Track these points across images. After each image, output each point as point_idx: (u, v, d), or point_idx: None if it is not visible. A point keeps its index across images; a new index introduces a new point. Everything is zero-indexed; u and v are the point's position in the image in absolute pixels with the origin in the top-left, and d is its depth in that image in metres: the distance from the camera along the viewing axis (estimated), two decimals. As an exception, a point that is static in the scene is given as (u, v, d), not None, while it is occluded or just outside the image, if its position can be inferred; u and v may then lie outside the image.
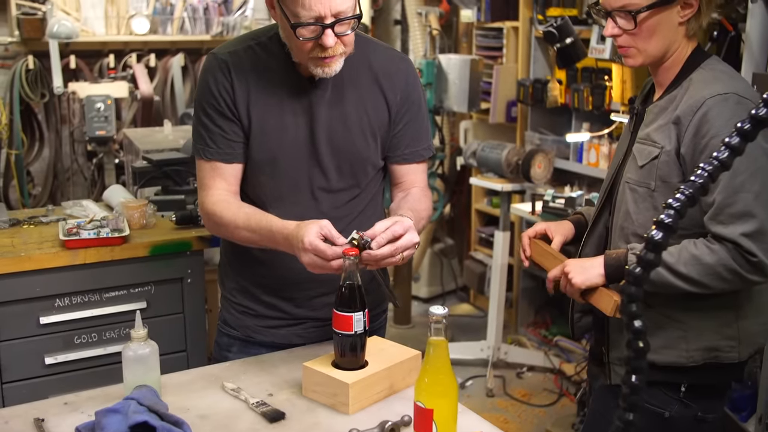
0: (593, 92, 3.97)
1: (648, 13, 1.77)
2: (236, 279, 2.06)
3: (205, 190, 1.94)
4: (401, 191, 2.04)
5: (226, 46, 1.95)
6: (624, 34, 1.82)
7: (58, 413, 1.65)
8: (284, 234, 1.76)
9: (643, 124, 1.89)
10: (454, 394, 1.46)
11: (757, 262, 1.70)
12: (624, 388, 1.00)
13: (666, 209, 0.99)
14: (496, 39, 4.77)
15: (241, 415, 1.65)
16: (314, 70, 1.81)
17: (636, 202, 1.84)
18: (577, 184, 4.28)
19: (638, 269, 0.98)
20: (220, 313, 2.14)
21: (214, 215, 1.91)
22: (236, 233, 1.89)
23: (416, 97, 2.02)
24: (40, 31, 4.73)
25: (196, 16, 5.32)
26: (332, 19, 1.72)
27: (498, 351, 4.20)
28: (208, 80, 1.90)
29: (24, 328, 2.44)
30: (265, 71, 1.90)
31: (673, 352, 1.83)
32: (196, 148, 1.95)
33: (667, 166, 1.78)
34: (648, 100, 1.96)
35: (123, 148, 4.46)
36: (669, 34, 1.81)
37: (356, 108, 1.93)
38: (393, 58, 2.02)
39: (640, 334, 0.97)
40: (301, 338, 2.03)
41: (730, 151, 1.03)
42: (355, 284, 1.66)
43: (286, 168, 1.91)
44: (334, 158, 1.92)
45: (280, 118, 1.89)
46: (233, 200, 1.93)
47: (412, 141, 2.02)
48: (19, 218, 2.79)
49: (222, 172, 1.92)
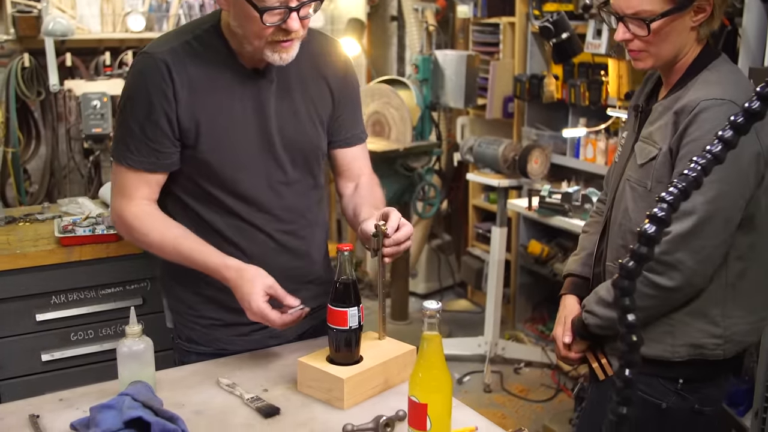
0: (590, 87, 3.97)
1: (662, 21, 1.75)
2: (195, 289, 1.92)
3: (124, 198, 1.83)
4: (349, 181, 2.02)
5: (160, 43, 1.82)
6: (636, 39, 1.80)
7: (53, 409, 1.65)
8: (224, 277, 1.75)
9: (647, 122, 1.88)
10: (449, 389, 1.46)
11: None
12: (617, 381, 1.01)
13: (659, 203, 0.99)
14: (492, 35, 4.77)
15: (236, 410, 1.65)
16: (270, 56, 1.74)
17: (635, 200, 1.84)
18: (573, 179, 4.28)
19: (631, 263, 0.98)
20: (176, 331, 1.99)
21: (135, 230, 1.82)
22: (163, 254, 1.83)
23: (354, 80, 2.01)
24: (36, 29, 4.72)
25: (192, 13, 5.30)
26: (297, 1, 1.68)
27: (495, 347, 4.20)
28: (145, 83, 1.77)
29: (20, 325, 2.44)
30: (206, 67, 1.79)
31: (660, 346, 1.84)
32: (117, 152, 1.83)
33: (663, 167, 1.78)
34: (653, 98, 1.95)
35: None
36: (681, 38, 1.80)
37: (303, 97, 1.89)
38: (328, 41, 1.98)
39: (633, 328, 0.97)
40: (276, 339, 1.96)
41: (723, 145, 1.03)
42: (349, 279, 1.66)
43: (242, 165, 1.84)
44: (288, 150, 1.88)
45: (229, 114, 1.81)
46: (157, 214, 1.84)
47: (352, 124, 2.01)
48: (14, 216, 2.78)
49: (146, 180, 1.82)
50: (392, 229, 1.71)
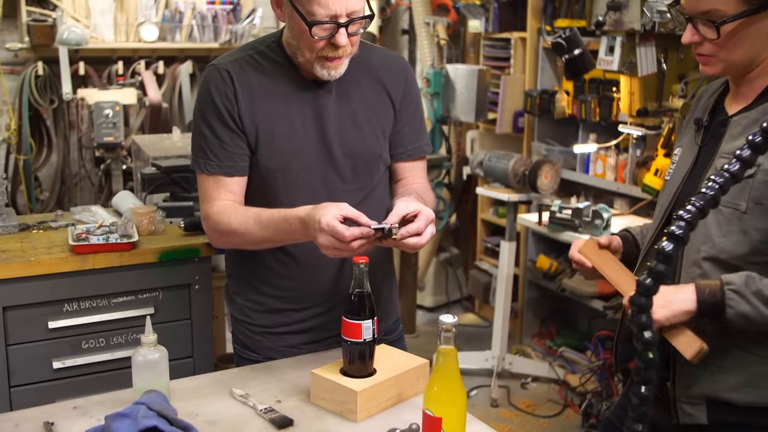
0: (600, 103, 3.98)
1: (735, 24, 1.58)
2: (252, 298, 2.01)
3: (209, 202, 1.90)
4: (404, 186, 2.04)
5: (225, 56, 1.93)
6: (705, 42, 1.63)
7: (67, 417, 1.66)
8: (300, 217, 1.72)
9: (728, 136, 1.67)
10: (463, 403, 1.46)
11: None
12: (633, 398, 1.01)
13: (677, 221, 1.00)
14: (503, 49, 4.79)
15: (249, 421, 1.66)
16: (320, 72, 1.81)
17: (720, 224, 1.63)
18: (583, 194, 4.28)
19: (648, 280, 0.99)
20: (234, 337, 2.09)
21: (220, 223, 1.86)
22: (248, 236, 1.84)
23: (415, 93, 2.03)
24: (50, 38, 4.76)
25: (205, 24, 5.34)
26: (346, 18, 1.74)
27: (503, 361, 4.20)
28: (210, 90, 1.87)
29: (33, 333, 2.45)
30: (267, 78, 1.89)
31: (756, 392, 1.63)
32: (196, 161, 1.92)
33: (764, 186, 1.59)
34: (717, 110, 1.77)
35: (131, 155, 4.48)
36: (756, 44, 1.61)
37: (363, 107, 1.93)
38: (389, 56, 2.04)
39: (650, 344, 0.98)
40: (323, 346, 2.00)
41: (741, 164, 1.04)
42: (365, 292, 1.66)
43: (300, 173, 1.89)
44: (347, 159, 1.92)
45: (288, 123, 1.88)
46: (237, 206, 1.89)
47: (415, 137, 2.03)
48: (28, 223, 2.80)
49: (226, 184, 1.89)
50: (405, 232, 1.68)
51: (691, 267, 1.68)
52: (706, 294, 1.58)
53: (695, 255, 1.67)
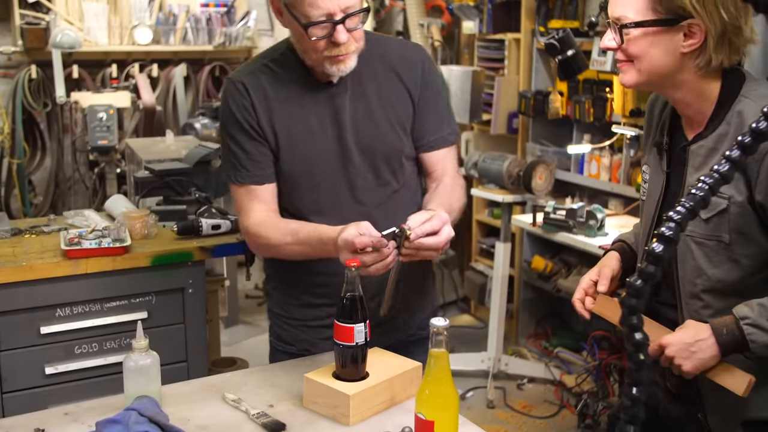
0: (594, 104, 3.98)
1: (638, 32, 1.59)
2: (290, 293, 2.05)
3: (244, 214, 1.95)
4: (433, 181, 2.04)
5: (241, 69, 1.98)
6: (619, 49, 1.64)
7: (58, 423, 1.65)
8: (332, 238, 1.74)
9: (691, 167, 1.66)
10: (455, 406, 1.46)
11: None
12: (625, 400, 1.01)
13: (666, 222, 0.99)
14: (497, 50, 4.79)
15: (241, 425, 1.65)
16: (329, 69, 1.83)
17: (708, 256, 1.63)
18: (578, 195, 4.28)
19: (639, 281, 0.99)
20: (271, 330, 2.15)
21: (260, 237, 1.91)
22: (287, 251, 1.89)
23: (435, 82, 2.02)
24: (43, 41, 4.75)
25: (199, 27, 5.33)
26: (342, 14, 1.75)
27: (498, 362, 4.20)
28: (230, 105, 1.92)
29: (25, 338, 2.44)
30: (282, 84, 1.92)
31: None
32: (227, 175, 1.97)
33: (741, 218, 1.58)
34: (676, 133, 1.74)
35: (125, 158, 4.47)
36: (661, 59, 1.60)
37: (380, 102, 1.94)
38: (407, 47, 2.05)
39: (641, 346, 0.98)
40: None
41: (731, 164, 1.03)
42: (357, 295, 1.66)
43: (322, 174, 1.92)
44: (366, 155, 1.92)
45: (305, 125, 1.90)
46: (275, 218, 1.93)
47: (437, 127, 2.02)
48: (20, 227, 2.79)
49: (258, 194, 1.93)
50: (420, 231, 1.68)
51: (691, 299, 1.67)
52: (724, 335, 1.56)
53: (692, 288, 1.67)
